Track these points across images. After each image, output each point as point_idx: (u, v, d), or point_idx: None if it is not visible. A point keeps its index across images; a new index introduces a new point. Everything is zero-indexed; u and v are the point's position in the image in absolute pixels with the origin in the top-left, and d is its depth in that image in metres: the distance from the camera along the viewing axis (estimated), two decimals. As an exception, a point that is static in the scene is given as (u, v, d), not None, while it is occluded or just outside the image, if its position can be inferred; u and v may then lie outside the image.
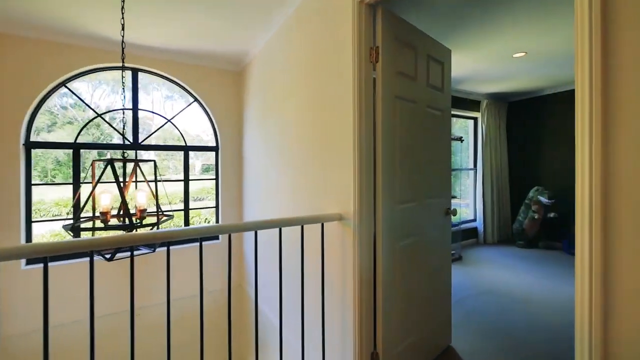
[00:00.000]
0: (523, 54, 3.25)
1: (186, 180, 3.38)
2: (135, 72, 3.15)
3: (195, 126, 3.69)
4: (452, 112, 4.75)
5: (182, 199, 3.40)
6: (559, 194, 4.71)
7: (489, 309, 2.71)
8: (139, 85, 3.20)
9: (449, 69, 2.15)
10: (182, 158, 3.40)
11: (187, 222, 3.41)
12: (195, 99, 3.47)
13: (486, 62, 3.52)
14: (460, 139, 4.55)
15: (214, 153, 3.64)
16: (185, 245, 3.34)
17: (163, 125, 3.33)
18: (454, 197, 4.56)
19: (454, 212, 2.17)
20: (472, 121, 5.31)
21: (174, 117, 3.36)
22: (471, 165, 5.30)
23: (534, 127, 5.04)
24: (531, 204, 4.69)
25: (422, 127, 1.90)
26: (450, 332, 2.19)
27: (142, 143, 3.21)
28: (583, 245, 0.79)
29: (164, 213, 1.99)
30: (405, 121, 1.78)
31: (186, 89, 3.39)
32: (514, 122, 5.30)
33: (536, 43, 3.00)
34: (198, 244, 3.37)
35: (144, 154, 3.45)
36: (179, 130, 3.38)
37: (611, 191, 0.76)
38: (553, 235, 4.80)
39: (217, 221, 3.63)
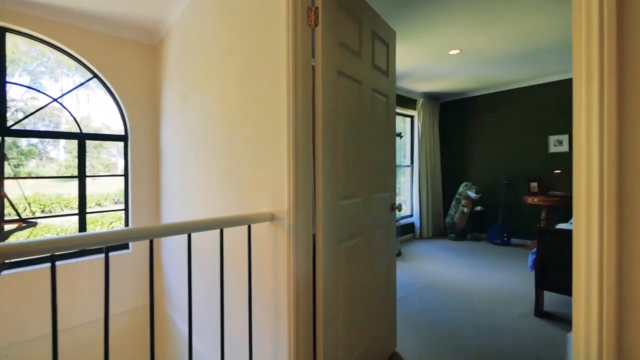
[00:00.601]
0: (458, 50, 3.32)
1: (81, 177, 2.67)
2: (1, 32, 2.36)
3: (103, 114, 2.97)
4: (391, 109, 4.77)
5: (99, 201, 2.69)
6: (485, 189, 5.08)
7: (431, 306, 2.66)
8: (13, 56, 2.41)
9: (393, 52, 1.98)
10: (110, 153, 2.68)
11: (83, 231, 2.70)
12: (95, 75, 2.77)
13: (424, 57, 3.54)
14: (400, 135, 4.58)
15: (122, 144, 2.98)
16: (81, 258, 2.64)
17: (46, 106, 2.57)
18: (394, 193, 4.59)
19: (399, 208, 2.01)
20: (409, 119, 5.44)
21: (63, 95, 2.63)
22: (408, 162, 5.44)
23: (463, 126, 5.37)
24: (461, 198, 4.97)
25: (368, 113, 1.68)
26: (395, 337, 2.03)
27: (13, 128, 2.43)
28: (590, 241, 0.61)
29: (25, 220, 1.41)
30: (350, 103, 1.53)
31: (80, 61, 2.68)
32: (446, 121, 5.59)
33: (471, 40, 3.07)
34: (102, 255, 2.71)
35: (21, 143, 2.63)
36: (69, 112, 2.66)
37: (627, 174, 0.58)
38: (479, 227, 5.17)
39: (126, 226, 2.97)
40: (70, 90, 2.70)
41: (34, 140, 2.83)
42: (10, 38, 2.41)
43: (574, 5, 0.67)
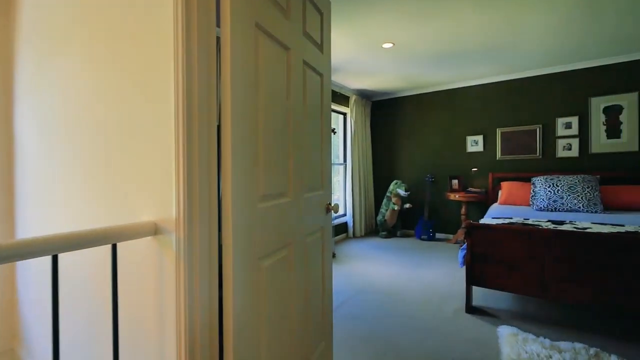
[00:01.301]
0: (391, 44, 3.23)
1: None
2: None
3: None
4: (325, 104, 4.55)
5: None
6: (413, 187, 5.25)
7: (366, 313, 2.46)
8: None
9: (328, 24, 1.67)
10: None
11: None
12: None
13: (358, 49, 3.37)
14: (334, 131, 4.38)
15: (-51, 126, 2.05)
16: None
17: None
18: (327, 192, 4.38)
19: (336, 209, 1.72)
20: (342, 116, 5.31)
21: None
22: (341, 160, 5.31)
23: (392, 125, 5.47)
24: (391, 196, 5.03)
25: (297, 90, 1.33)
26: (332, 360, 1.74)
27: None
28: None
29: None
30: (274, 74, 1.15)
31: None
32: (377, 120, 5.63)
33: (405, 34, 2.99)
34: None
35: None
36: None
37: None
38: (408, 223, 5.32)
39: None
40: None
41: None
42: None
43: None
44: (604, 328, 2.18)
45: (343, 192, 5.32)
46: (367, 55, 3.56)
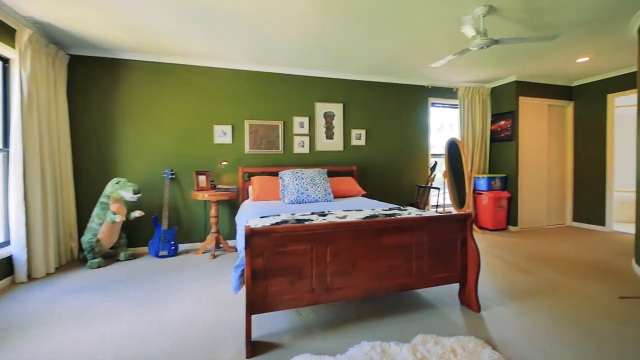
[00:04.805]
0: None
1: None
2: None
3: None
4: None
5: None
6: (145, 187, 3.82)
7: None
8: None
9: None
10: None
11: None
12: None
13: None
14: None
15: None
16: None
17: None
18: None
19: None
20: (-4, 61, 2.87)
21: None
22: (-3, 143, 2.87)
23: (111, 97, 3.70)
24: (110, 203, 3.36)
25: None
26: None
27: None
28: None
29: None
30: None
31: None
32: (82, 84, 3.61)
33: None
34: None
35: None
36: None
37: None
38: (137, 239, 3.82)
39: None
40: None
41: None
42: None
43: None
44: (362, 314, 2.23)
45: (3, 201, 2.90)
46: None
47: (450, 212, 5.22)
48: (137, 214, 3.49)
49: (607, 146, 4.74)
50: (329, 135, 4.52)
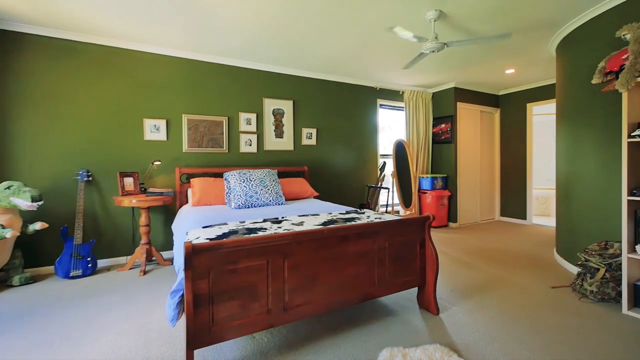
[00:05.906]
0: None
1: None
2: None
3: None
4: None
5: None
6: (50, 192, 3.09)
7: None
8: None
9: None
10: None
11: None
12: None
13: None
14: None
15: None
16: None
17: None
18: None
19: None
20: None
21: None
22: None
23: (3, 78, 2.91)
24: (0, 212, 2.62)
25: None
26: None
27: None
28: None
29: None
30: None
31: None
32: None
33: None
34: None
35: None
36: None
37: None
38: (41, 256, 3.07)
39: None
40: None
41: None
42: None
43: None
44: (321, 329, 2.05)
45: None
46: None
47: (398, 212, 5.37)
48: (37, 226, 2.78)
49: (527, 149, 5.34)
50: (279, 133, 4.24)
